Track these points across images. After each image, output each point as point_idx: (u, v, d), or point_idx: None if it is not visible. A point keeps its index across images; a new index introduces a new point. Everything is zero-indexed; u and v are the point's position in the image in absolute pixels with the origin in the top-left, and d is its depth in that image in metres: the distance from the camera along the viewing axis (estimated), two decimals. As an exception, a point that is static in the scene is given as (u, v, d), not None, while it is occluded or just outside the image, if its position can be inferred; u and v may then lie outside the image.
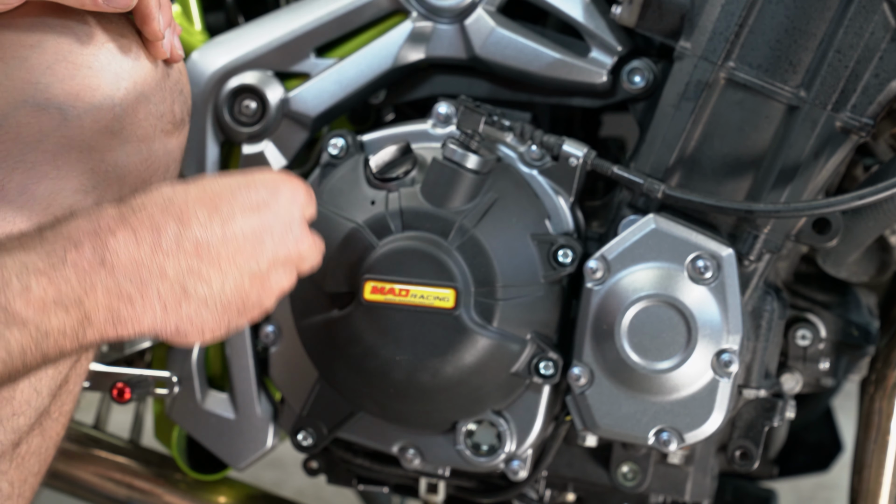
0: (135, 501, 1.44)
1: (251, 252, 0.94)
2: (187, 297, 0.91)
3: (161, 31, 0.99)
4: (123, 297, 0.87)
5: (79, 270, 0.85)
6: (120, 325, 0.88)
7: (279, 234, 0.96)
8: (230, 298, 0.94)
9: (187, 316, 0.92)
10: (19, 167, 0.94)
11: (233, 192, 0.95)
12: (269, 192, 0.97)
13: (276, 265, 0.96)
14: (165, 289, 0.90)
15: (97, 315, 0.86)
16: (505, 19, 1.20)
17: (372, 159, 1.16)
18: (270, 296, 0.97)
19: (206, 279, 0.92)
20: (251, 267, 0.94)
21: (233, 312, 0.95)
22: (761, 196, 1.14)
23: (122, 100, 0.98)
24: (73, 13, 0.97)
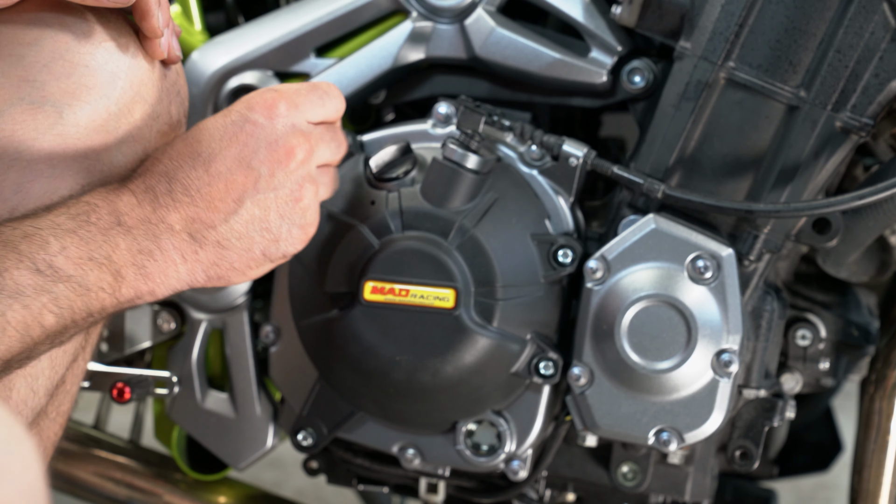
0: (135, 501, 1.44)
1: (244, 178, 0.98)
2: (200, 244, 0.98)
3: (160, 29, 0.99)
4: (144, 252, 0.95)
5: (101, 230, 0.92)
6: (149, 279, 0.95)
7: (265, 152, 0.99)
8: (244, 230, 0.99)
9: (209, 261, 0.98)
10: (15, 165, 0.94)
11: (208, 130, 0.99)
12: (241, 117, 1.00)
13: (281, 183, 1.00)
14: (177, 241, 0.97)
15: (127, 271, 0.93)
16: (505, 19, 1.20)
17: (372, 159, 1.16)
18: (296, 210, 1.01)
19: (209, 222, 0.98)
20: (250, 194, 0.99)
21: (256, 242, 1.00)
22: (761, 196, 1.14)
23: (119, 99, 0.98)
24: (72, 11, 0.96)
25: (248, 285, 1.29)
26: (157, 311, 1.34)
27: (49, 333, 0.89)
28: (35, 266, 0.88)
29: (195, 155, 0.98)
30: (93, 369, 1.29)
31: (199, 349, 1.32)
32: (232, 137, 0.99)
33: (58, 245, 0.90)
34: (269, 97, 1.01)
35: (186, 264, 0.98)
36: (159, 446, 1.45)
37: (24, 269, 0.87)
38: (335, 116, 1.07)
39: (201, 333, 1.31)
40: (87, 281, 0.91)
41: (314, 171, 1.03)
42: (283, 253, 1.03)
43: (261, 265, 1.02)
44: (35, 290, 0.88)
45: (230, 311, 1.30)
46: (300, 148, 1.01)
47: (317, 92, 1.05)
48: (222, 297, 1.29)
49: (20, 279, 0.87)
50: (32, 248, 0.89)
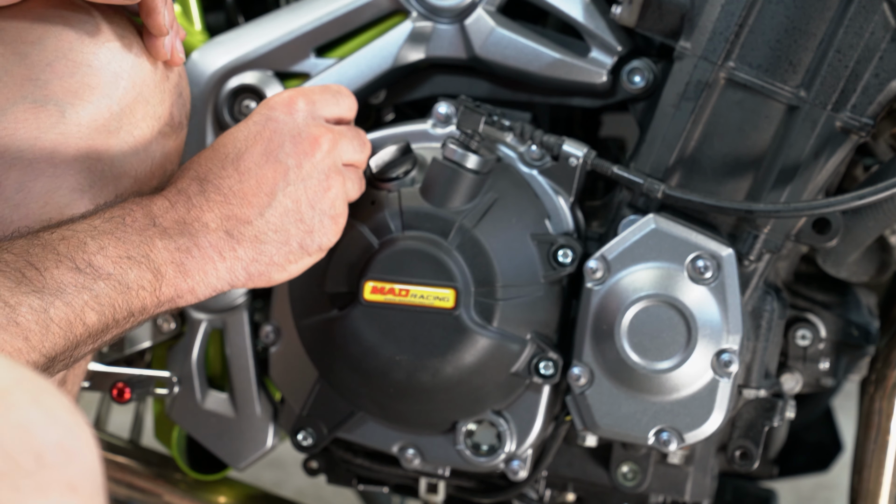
0: (135, 501, 1.44)
1: (273, 172, 1.02)
2: (238, 241, 1.00)
3: (165, 26, 0.99)
4: (182, 250, 0.96)
5: (136, 231, 0.94)
6: (188, 276, 0.97)
7: (291, 145, 1.03)
8: (280, 223, 1.02)
9: (249, 258, 1.00)
10: (17, 164, 0.94)
11: (233, 134, 1.03)
12: (263, 116, 1.04)
13: (309, 174, 1.03)
14: (214, 238, 0.98)
15: (166, 269, 0.95)
16: (505, 19, 1.20)
17: (372, 159, 1.16)
18: (326, 200, 1.04)
19: (244, 218, 1.00)
20: (280, 186, 1.02)
21: (292, 234, 1.02)
22: (761, 196, 1.14)
23: (121, 99, 0.98)
24: (76, 10, 0.97)
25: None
26: (157, 311, 1.34)
27: (91, 332, 0.90)
28: (75, 265, 0.90)
29: (223, 157, 1.01)
30: (93, 369, 1.29)
31: (199, 349, 1.32)
32: (257, 136, 1.02)
33: (95, 245, 0.91)
34: (287, 95, 1.05)
35: (225, 262, 0.99)
36: (159, 446, 1.45)
37: (64, 269, 0.89)
38: (349, 115, 1.11)
39: (201, 333, 1.31)
40: (126, 279, 0.92)
41: (339, 163, 1.06)
42: (319, 245, 1.05)
43: (299, 258, 1.04)
44: (76, 287, 0.89)
45: (230, 311, 1.30)
46: (324, 138, 1.04)
47: (330, 91, 1.09)
48: (222, 297, 1.29)
49: (61, 277, 0.88)
50: (71, 248, 0.90)
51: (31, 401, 0.63)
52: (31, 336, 0.85)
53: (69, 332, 0.88)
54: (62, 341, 0.88)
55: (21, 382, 0.64)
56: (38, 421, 0.62)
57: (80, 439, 0.64)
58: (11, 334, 0.84)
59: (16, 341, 0.84)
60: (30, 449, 0.61)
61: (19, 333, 0.84)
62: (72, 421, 0.64)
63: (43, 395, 0.64)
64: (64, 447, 0.63)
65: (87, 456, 0.64)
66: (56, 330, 0.87)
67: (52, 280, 0.88)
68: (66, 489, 0.62)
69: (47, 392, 0.64)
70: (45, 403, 0.64)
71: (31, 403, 0.63)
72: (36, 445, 0.61)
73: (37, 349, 0.86)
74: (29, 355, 0.85)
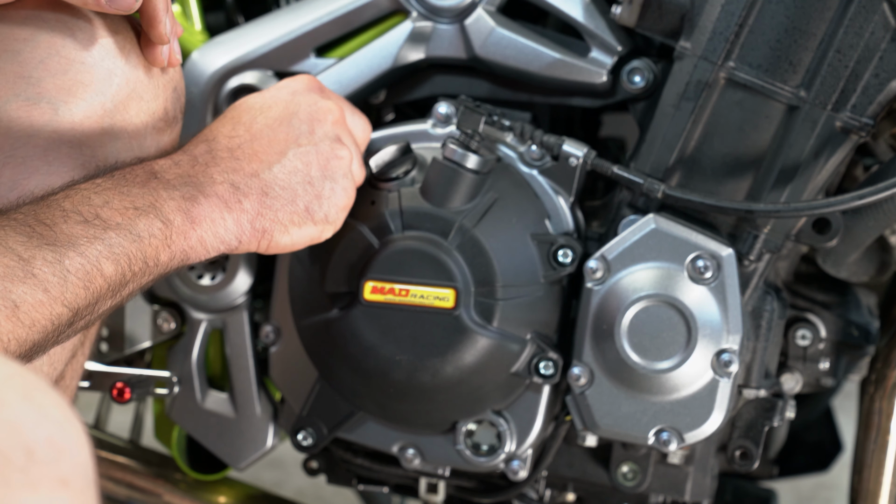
0: (135, 501, 1.44)
1: (285, 135, 1.04)
2: (244, 194, 1.00)
3: (167, 35, 0.99)
4: (187, 198, 0.96)
5: (138, 184, 0.94)
6: (196, 224, 0.96)
7: (305, 112, 1.06)
8: (287, 181, 1.03)
9: (254, 211, 1.01)
10: (10, 162, 0.94)
11: (247, 102, 1.07)
12: (278, 89, 1.08)
13: (321, 139, 1.06)
14: (220, 189, 0.99)
15: (173, 216, 0.95)
16: (505, 19, 1.20)
17: (372, 159, 1.16)
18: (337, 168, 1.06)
19: (251, 172, 1.01)
20: (291, 149, 1.04)
21: (300, 195, 1.03)
22: (761, 196, 1.14)
23: (114, 96, 0.98)
24: (69, 8, 0.96)
25: (249, 285, 1.29)
26: (157, 310, 1.34)
27: (111, 284, 0.90)
28: (83, 217, 0.90)
29: (236, 120, 1.04)
30: (93, 369, 1.29)
31: (199, 349, 1.32)
32: (273, 103, 1.06)
33: (100, 199, 0.91)
34: (303, 76, 1.11)
35: (232, 213, 0.99)
36: (159, 446, 1.45)
37: (72, 222, 0.89)
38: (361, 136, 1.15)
39: (201, 333, 1.31)
40: (136, 228, 0.92)
41: (349, 135, 1.09)
42: (325, 214, 1.06)
43: (303, 222, 1.04)
44: (87, 239, 0.89)
45: (230, 310, 1.30)
46: (335, 109, 1.08)
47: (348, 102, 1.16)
48: (222, 297, 1.29)
49: (70, 230, 0.88)
50: (76, 203, 0.90)
51: (22, 397, 0.63)
52: (51, 287, 0.85)
53: (88, 283, 0.88)
54: (83, 292, 0.88)
55: (11, 379, 0.64)
56: (28, 417, 0.62)
57: (71, 435, 0.64)
58: (31, 286, 0.84)
59: (36, 293, 0.84)
60: (20, 445, 0.61)
61: (38, 285, 0.84)
62: (63, 417, 0.64)
63: (33, 392, 0.64)
64: (55, 443, 0.63)
65: (79, 452, 0.64)
66: (75, 281, 0.87)
67: (62, 233, 0.88)
68: (57, 485, 0.62)
69: (38, 388, 0.65)
70: (35, 399, 0.64)
71: (22, 400, 0.63)
72: (26, 441, 0.61)
73: (58, 300, 0.86)
74: (52, 307, 0.85)
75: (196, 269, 1.30)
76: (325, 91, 1.11)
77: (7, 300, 0.82)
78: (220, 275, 1.29)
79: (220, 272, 1.29)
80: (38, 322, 0.84)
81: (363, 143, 1.14)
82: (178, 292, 1.30)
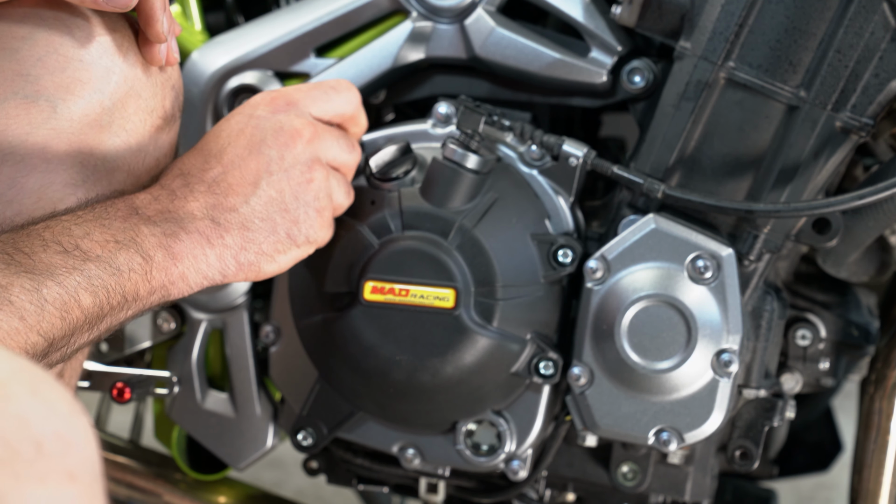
0: (135, 501, 1.44)
1: (256, 164, 1.03)
2: (225, 229, 1.00)
3: (164, 34, 0.99)
4: (168, 234, 0.96)
5: (120, 219, 0.94)
6: (178, 260, 0.96)
7: (272, 138, 1.04)
8: (265, 211, 1.02)
9: (237, 246, 1.00)
10: (8, 160, 0.94)
11: (216, 132, 1.05)
12: (244, 115, 1.05)
13: (292, 164, 1.04)
14: (201, 225, 0.98)
15: (154, 252, 0.95)
16: (505, 19, 1.20)
17: (372, 159, 1.16)
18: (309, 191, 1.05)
19: (230, 206, 1.00)
20: (264, 177, 1.03)
21: (279, 223, 1.03)
22: (761, 196, 1.14)
23: (113, 94, 0.98)
24: (67, 6, 0.96)
25: (248, 285, 1.29)
26: (157, 311, 1.34)
27: (88, 316, 0.90)
28: (62, 247, 0.90)
29: (207, 153, 1.02)
30: (93, 369, 1.29)
31: (199, 349, 1.32)
32: (240, 132, 1.04)
33: (80, 231, 0.91)
34: (269, 94, 1.07)
35: (214, 249, 0.99)
36: (159, 446, 1.45)
37: (51, 252, 0.89)
38: (348, 108, 1.11)
39: (201, 333, 1.31)
40: (116, 262, 0.92)
41: (322, 156, 1.07)
42: (306, 236, 1.05)
43: (287, 249, 1.04)
44: (66, 269, 0.89)
45: (230, 311, 1.30)
46: (304, 129, 1.05)
47: (320, 88, 1.10)
48: (222, 297, 1.29)
49: (49, 259, 0.88)
50: (56, 234, 0.90)
51: (30, 391, 0.64)
52: (27, 316, 0.85)
53: (65, 313, 0.88)
54: (59, 322, 0.87)
55: (20, 373, 0.65)
56: (37, 411, 0.63)
57: (79, 429, 0.65)
58: (7, 313, 0.84)
59: (12, 321, 0.84)
60: (29, 438, 0.62)
61: (14, 312, 0.84)
62: (70, 411, 0.65)
63: (41, 386, 0.65)
64: (62, 437, 0.63)
65: (86, 446, 0.65)
66: (52, 310, 0.87)
67: (41, 262, 0.88)
68: (65, 477, 0.62)
69: (46, 383, 0.65)
70: (43, 394, 0.64)
71: (30, 394, 0.64)
72: (35, 435, 0.62)
73: (34, 329, 0.85)
74: (27, 336, 0.85)
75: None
76: (293, 104, 1.07)
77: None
78: (220, 275, 1.29)
79: (220, 272, 1.29)
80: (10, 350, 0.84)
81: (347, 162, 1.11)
82: (178, 292, 1.30)
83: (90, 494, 0.64)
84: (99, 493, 0.65)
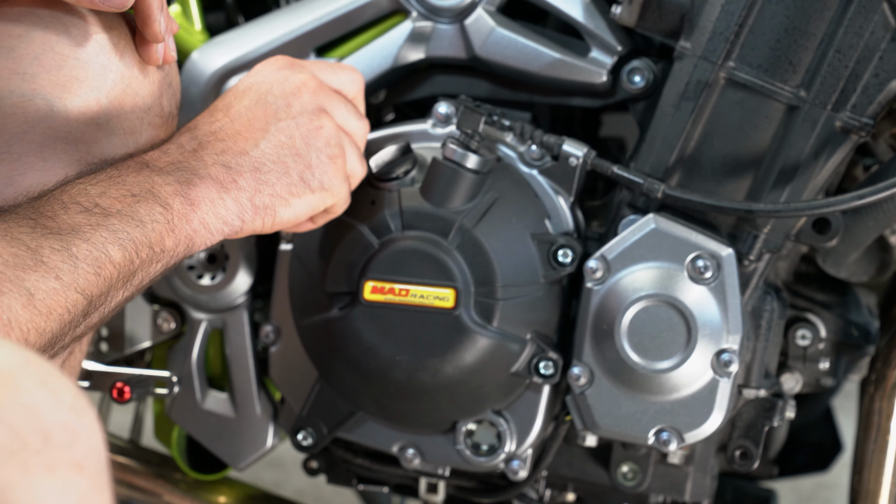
0: (135, 501, 1.44)
1: (263, 112, 1.04)
2: (237, 172, 1.00)
3: (161, 34, 0.99)
4: (182, 182, 0.96)
5: (131, 173, 0.94)
6: (196, 206, 0.96)
7: (279, 89, 1.06)
8: (276, 154, 1.03)
9: (251, 188, 1.01)
10: (5, 158, 0.94)
11: (221, 95, 1.08)
12: (249, 75, 1.08)
13: (299, 112, 1.06)
14: (214, 170, 0.99)
15: (172, 200, 0.95)
16: (505, 19, 1.20)
17: (372, 159, 1.16)
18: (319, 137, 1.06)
19: (239, 150, 1.01)
20: (272, 123, 1.04)
21: (291, 167, 1.04)
22: (761, 196, 1.14)
23: (110, 92, 0.98)
24: (64, 5, 0.96)
25: (249, 285, 1.29)
26: (157, 310, 1.34)
27: (121, 271, 0.90)
28: (82, 207, 0.90)
29: (213, 109, 1.04)
30: (93, 369, 1.29)
31: (199, 349, 1.32)
32: (246, 89, 1.06)
33: (97, 190, 0.91)
34: (273, 58, 1.11)
35: (230, 193, 0.99)
36: (159, 446, 1.45)
37: (72, 212, 0.89)
38: (350, 87, 1.12)
39: (201, 333, 1.31)
40: (137, 213, 0.92)
41: (328, 107, 1.08)
42: (321, 181, 1.05)
43: (302, 192, 1.04)
44: (91, 226, 0.89)
45: (230, 310, 1.30)
46: (309, 81, 1.08)
47: (326, 62, 1.13)
48: (222, 297, 1.29)
49: (72, 220, 0.88)
50: (73, 195, 0.90)
51: (38, 383, 0.64)
52: (62, 274, 0.85)
53: (99, 269, 0.88)
54: (95, 279, 0.88)
55: (28, 365, 0.65)
56: (44, 402, 0.64)
57: (86, 421, 0.65)
58: (42, 274, 0.84)
59: (49, 281, 0.84)
60: (37, 429, 0.62)
61: (49, 272, 0.84)
62: (77, 403, 0.65)
63: (49, 378, 0.65)
64: (70, 428, 0.64)
65: (93, 437, 0.66)
66: (85, 267, 0.87)
67: (64, 223, 0.88)
68: (73, 468, 0.63)
69: (53, 375, 0.65)
70: (51, 385, 0.65)
71: (38, 385, 0.64)
72: (43, 425, 0.63)
73: (71, 287, 0.86)
74: (66, 294, 0.85)
75: (196, 269, 1.30)
76: (296, 64, 1.09)
77: (21, 288, 0.82)
78: (220, 275, 1.29)
79: (220, 272, 1.29)
80: (54, 310, 0.84)
81: (357, 128, 1.12)
82: (178, 292, 1.30)
83: (97, 485, 0.65)
84: (105, 483, 0.66)
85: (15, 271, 0.82)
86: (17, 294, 0.82)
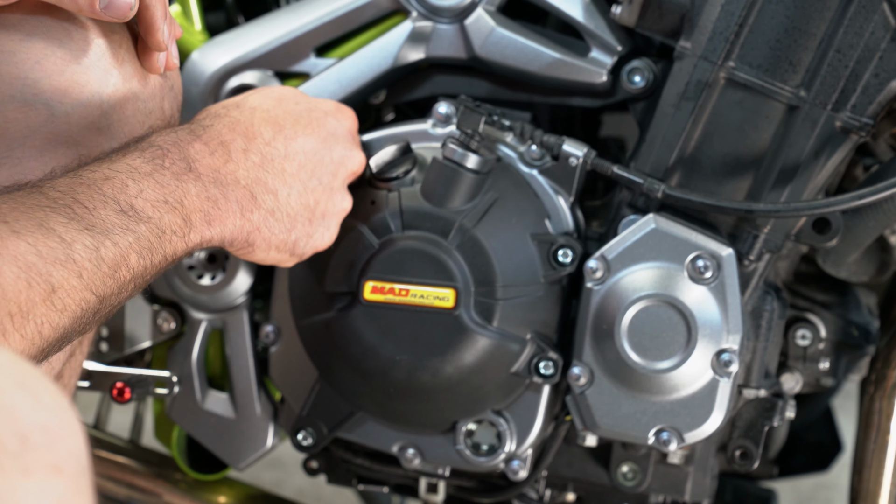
0: (135, 501, 1.44)
1: (313, 169, 1.06)
2: (257, 205, 1.02)
3: (165, 43, 0.99)
4: (210, 199, 0.97)
5: (174, 174, 0.95)
6: (211, 226, 0.98)
7: (338, 154, 1.09)
8: (296, 210, 1.05)
9: (257, 223, 1.02)
10: (6, 163, 0.94)
11: (296, 115, 1.07)
12: (325, 113, 1.09)
13: (337, 187, 1.09)
14: (240, 194, 1.00)
15: (195, 216, 0.96)
16: (505, 19, 1.20)
17: (372, 159, 1.16)
18: (333, 216, 1.09)
19: (272, 189, 1.02)
20: (313, 183, 1.06)
21: (298, 227, 1.05)
22: (761, 196, 1.14)
23: (111, 96, 0.98)
24: (65, 11, 0.96)
25: (249, 285, 1.29)
26: (157, 310, 1.34)
27: (134, 275, 0.91)
28: (119, 207, 0.90)
29: (278, 129, 1.05)
30: (93, 369, 1.29)
31: (199, 349, 1.32)
32: (317, 128, 1.08)
33: (136, 188, 0.92)
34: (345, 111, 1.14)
35: (240, 220, 1.00)
36: (159, 446, 1.45)
37: (109, 210, 0.89)
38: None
39: (201, 333, 1.31)
40: (162, 223, 0.93)
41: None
42: (303, 252, 1.08)
43: (284, 251, 1.05)
44: (122, 229, 0.89)
45: (230, 310, 1.30)
46: (357, 163, 1.12)
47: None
48: (222, 297, 1.29)
49: (107, 218, 0.89)
50: (114, 189, 0.91)
51: (16, 384, 0.63)
52: (85, 274, 0.86)
53: (115, 272, 0.89)
54: (110, 281, 0.88)
55: (6, 366, 0.64)
56: (22, 403, 0.63)
57: (65, 422, 0.64)
58: (69, 271, 0.84)
59: (71, 278, 0.84)
60: (14, 431, 0.61)
61: (75, 270, 0.85)
62: (56, 404, 0.65)
63: (28, 379, 0.64)
64: (48, 429, 0.63)
65: (72, 438, 0.65)
66: (105, 269, 0.88)
67: (100, 220, 0.88)
68: (51, 470, 0.62)
69: (32, 375, 0.65)
70: (29, 386, 0.64)
71: (16, 386, 0.63)
72: (20, 427, 0.62)
73: (88, 287, 0.86)
74: (82, 293, 0.86)
75: (196, 269, 1.30)
76: (356, 139, 1.14)
77: (47, 283, 0.82)
78: (220, 275, 1.29)
79: (220, 272, 1.29)
80: (69, 307, 0.84)
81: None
82: (178, 292, 1.30)
83: (76, 487, 0.63)
84: (86, 485, 0.65)
85: (46, 265, 0.82)
86: (41, 288, 0.82)
